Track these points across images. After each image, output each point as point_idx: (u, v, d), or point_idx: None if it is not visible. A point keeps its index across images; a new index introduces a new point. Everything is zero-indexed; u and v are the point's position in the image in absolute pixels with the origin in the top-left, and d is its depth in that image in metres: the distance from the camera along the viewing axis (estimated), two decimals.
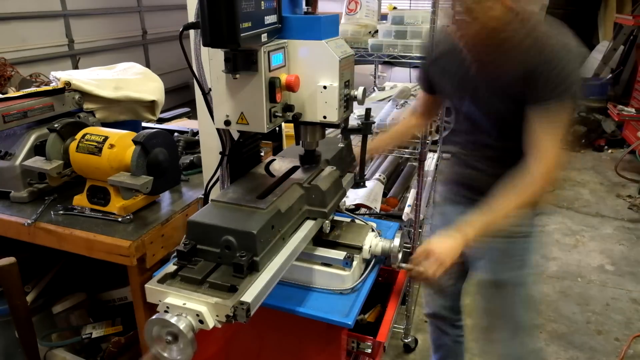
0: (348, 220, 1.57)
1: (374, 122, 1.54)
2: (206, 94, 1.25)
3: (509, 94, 1.42)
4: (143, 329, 1.57)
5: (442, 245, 1.33)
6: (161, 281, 1.06)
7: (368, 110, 1.46)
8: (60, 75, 1.89)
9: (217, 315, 0.99)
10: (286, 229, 1.20)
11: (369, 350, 1.34)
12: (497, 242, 1.58)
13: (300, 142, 1.37)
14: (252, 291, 1.02)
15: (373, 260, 1.46)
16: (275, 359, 1.43)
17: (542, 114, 1.36)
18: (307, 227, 1.27)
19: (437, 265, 1.32)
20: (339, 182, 1.38)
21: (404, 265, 1.40)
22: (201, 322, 0.99)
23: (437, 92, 1.71)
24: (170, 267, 1.09)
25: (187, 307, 0.99)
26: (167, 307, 1.01)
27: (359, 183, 1.54)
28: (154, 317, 0.99)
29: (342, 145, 1.53)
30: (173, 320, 0.96)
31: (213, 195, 1.43)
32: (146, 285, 1.05)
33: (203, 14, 0.98)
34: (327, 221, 1.35)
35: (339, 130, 1.44)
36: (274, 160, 1.49)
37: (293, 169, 1.41)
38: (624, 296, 3.13)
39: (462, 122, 1.64)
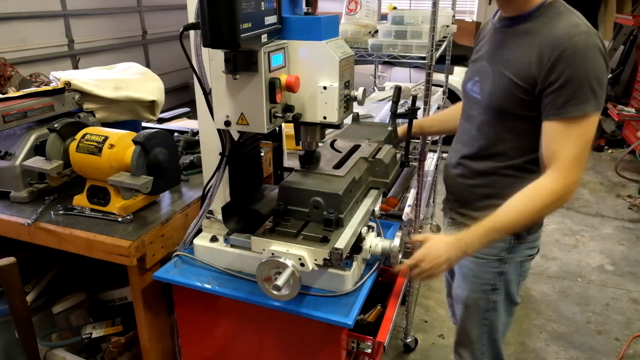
0: None
1: (419, 108, 1.71)
2: (207, 94, 1.25)
3: (514, 86, 1.34)
4: (143, 328, 1.58)
5: (434, 260, 1.33)
6: (262, 234, 1.25)
7: (414, 97, 1.60)
8: (60, 75, 1.89)
9: (315, 260, 1.18)
10: (358, 195, 1.38)
11: (369, 350, 1.34)
12: (468, 259, 1.56)
13: (300, 142, 1.37)
14: (342, 241, 1.20)
15: (373, 260, 1.46)
16: (275, 359, 1.43)
17: (561, 124, 1.28)
18: (373, 195, 1.47)
19: (426, 276, 1.35)
20: (395, 158, 1.56)
21: (396, 243, 1.41)
22: (302, 265, 1.17)
23: None
24: (267, 224, 1.30)
25: (290, 252, 1.18)
26: (273, 253, 1.19)
27: (404, 163, 1.68)
28: (264, 259, 1.17)
29: (391, 129, 1.70)
30: (282, 259, 1.15)
31: (213, 197, 1.44)
32: (252, 237, 1.24)
33: (203, 14, 0.98)
34: None
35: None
36: (335, 140, 1.64)
37: (355, 147, 1.57)
38: (624, 296, 3.14)
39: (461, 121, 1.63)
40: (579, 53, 1.23)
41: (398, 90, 1.45)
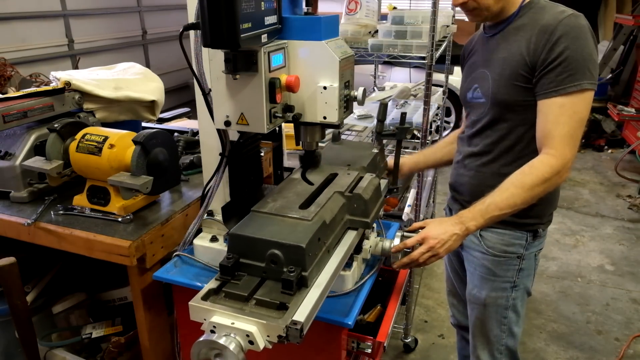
0: None
1: (409, 127, 1.50)
2: (206, 95, 1.25)
3: (515, 79, 1.39)
4: (143, 328, 1.58)
5: (440, 235, 1.32)
6: (204, 298, 1.00)
7: (403, 115, 1.46)
8: (60, 75, 1.89)
9: (268, 336, 0.94)
10: (330, 241, 1.15)
11: (369, 350, 1.34)
12: (486, 259, 1.57)
13: (300, 142, 1.37)
14: (304, 309, 0.97)
15: (373, 260, 1.46)
16: (275, 359, 1.43)
17: (558, 101, 1.32)
18: (350, 238, 1.22)
19: (431, 255, 1.32)
20: (378, 190, 1.35)
21: (397, 243, 1.36)
22: (251, 342, 0.93)
23: None
24: (213, 283, 1.03)
25: (236, 326, 0.94)
26: (214, 327, 0.95)
27: (392, 190, 1.51)
28: (201, 338, 0.94)
29: (376, 151, 1.51)
30: (222, 341, 0.91)
31: (213, 197, 1.44)
32: (190, 303, 0.99)
33: (203, 14, 0.98)
34: None
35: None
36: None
37: (330, 177, 1.37)
38: (624, 296, 3.14)
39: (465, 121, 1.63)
40: (572, 32, 1.31)
41: (384, 107, 1.26)
